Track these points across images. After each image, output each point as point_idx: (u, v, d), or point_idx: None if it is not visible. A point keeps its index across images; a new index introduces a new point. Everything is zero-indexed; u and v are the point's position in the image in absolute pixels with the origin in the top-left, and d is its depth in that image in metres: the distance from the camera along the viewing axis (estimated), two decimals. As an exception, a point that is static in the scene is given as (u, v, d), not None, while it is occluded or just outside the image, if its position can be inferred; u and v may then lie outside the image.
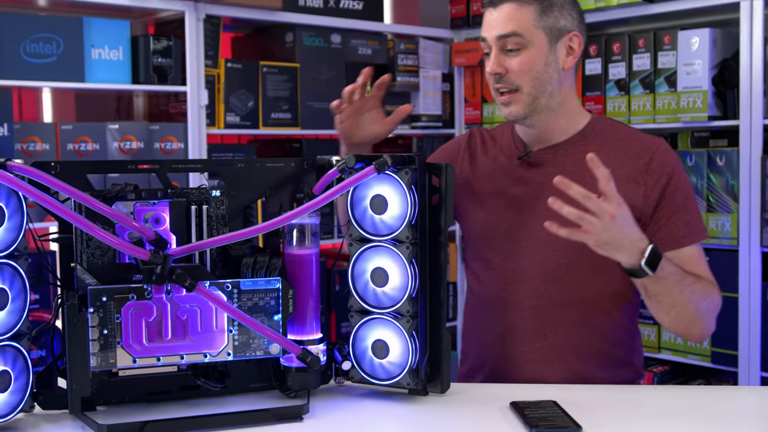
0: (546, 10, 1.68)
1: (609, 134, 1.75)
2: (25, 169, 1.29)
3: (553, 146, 1.76)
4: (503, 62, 1.69)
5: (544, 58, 1.69)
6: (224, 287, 1.41)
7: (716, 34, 2.72)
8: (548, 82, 1.70)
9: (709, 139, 2.81)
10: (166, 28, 2.85)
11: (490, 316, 1.78)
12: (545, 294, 1.71)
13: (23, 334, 1.35)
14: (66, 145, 2.55)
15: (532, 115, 1.72)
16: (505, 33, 1.68)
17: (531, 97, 1.70)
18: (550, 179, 1.70)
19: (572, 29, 1.71)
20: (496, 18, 1.70)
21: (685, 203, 1.70)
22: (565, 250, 1.69)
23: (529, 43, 1.68)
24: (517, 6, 1.68)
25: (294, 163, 1.54)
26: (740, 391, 1.81)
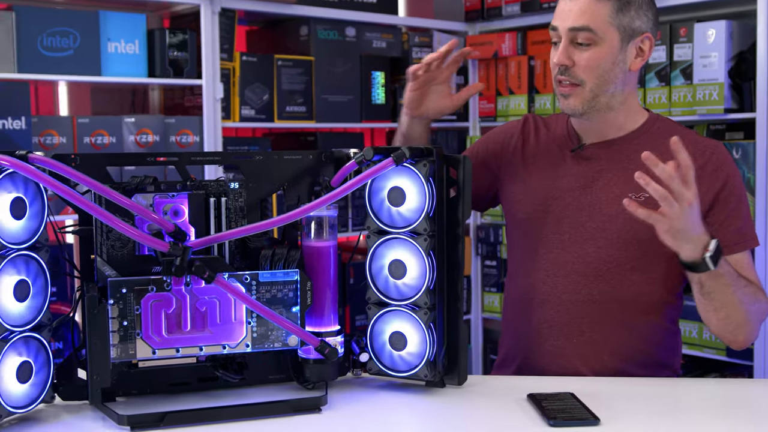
0: (623, 8, 1.65)
1: (664, 134, 1.71)
2: (47, 162, 1.30)
3: (608, 141, 1.74)
4: (572, 54, 1.66)
5: (613, 56, 1.66)
6: (243, 279, 1.42)
7: (733, 26, 2.70)
8: (612, 81, 1.67)
9: (725, 132, 2.79)
10: (181, 22, 2.85)
11: (529, 307, 1.76)
12: (585, 290, 1.69)
13: (44, 326, 1.36)
14: (83, 139, 2.56)
15: (590, 112, 1.69)
16: (577, 26, 1.65)
17: (592, 93, 1.67)
18: (601, 174, 1.72)
19: (646, 30, 1.68)
20: (571, 8, 1.66)
21: (739, 208, 1.68)
22: (609, 248, 1.68)
23: (601, 39, 1.64)
24: (596, 0, 1.65)
25: (312, 156, 1.54)
26: (757, 384, 1.80)
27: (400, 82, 3.30)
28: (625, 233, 1.67)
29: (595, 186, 1.72)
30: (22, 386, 1.32)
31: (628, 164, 1.70)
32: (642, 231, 1.65)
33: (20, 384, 1.32)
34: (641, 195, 1.66)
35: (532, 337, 1.75)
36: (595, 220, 1.70)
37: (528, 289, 1.77)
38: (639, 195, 1.67)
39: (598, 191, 1.71)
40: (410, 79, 1.78)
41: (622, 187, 1.69)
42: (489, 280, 3.48)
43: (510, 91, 3.35)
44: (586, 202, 1.71)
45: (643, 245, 1.67)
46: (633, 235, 1.67)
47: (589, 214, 1.71)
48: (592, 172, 1.73)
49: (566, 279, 1.72)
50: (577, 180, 1.74)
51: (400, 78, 3.30)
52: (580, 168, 1.74)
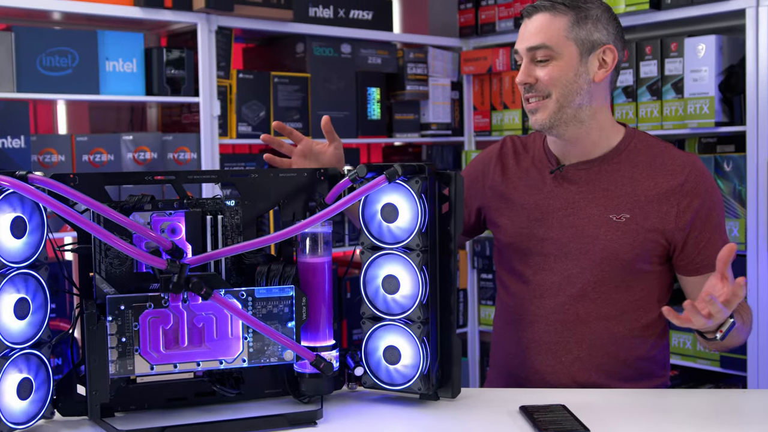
0: (580, 22, 1.69)
1: (643, 151, 1.75)
2: (46, 182, 1.33)
3: (587, 162, 1.75)
4: (532, 72, 1.70)
5: (573, 69, 1.69)
6: (239, 295, 1.44)
7: (722, 40, 2.74)
8: (577, 92, 1.70)
9: (717, 145, 2.82)
10: (178, 40, 2.89)
11: (517, 326, 1.79)
12: (572, 309, 1.72)
13: (44, 343, 1.39)
14: (81, 157, 2.59)
15: (558, 125, 1.71)
16: (534, 45, 1.69)
17: (558, 104, 1.70)
18: (582, 196, 1.74)
19: (606, 42, 1.70)
20: (529, 29, 1.71)
21: (720, 224, 1.71)
22: (593, 268, 1.71)
23: (558, 54, 1.68)
24: (551, 16, 1.69)
25: (306, 173, 1.57)
26: (749, 394, 1.82)
27: (395, 97, 3.34)
28: (607, 254, 1.70)
29: (576, 207, 1.74)
30: (23, 402, 1.35)
31: (608, 185, 1.72)
32: (623, 251, 1.69)
33: (21, 400, 1.34)
34: (621, 216, 1.69)
35: (521, 355, 1.78)
36: (578, 242, 1.72)
37: (516, 308, 1.80)
38: (620, 216, 1.70)
39: (580, 212, 1.73)
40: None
41: (602, 209, 1.71)
42: (485, 294, 3.50)
43: (504, 105, 3.39)
44: (569, 224, 1.73)
45: (626, 265, 1.69)
46: (615, 255, 1.69)
47: (572, 235, 1.73)
48: (574, 194, 1.75)
49: (553, 299, 1.74)
50: (559, 202, 1.76)
51: (395, 94, 3.34)
52: (562, 190, 1.76)
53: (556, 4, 1.69)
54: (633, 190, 1.71)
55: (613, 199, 1.71)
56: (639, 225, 1.69)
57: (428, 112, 3.41)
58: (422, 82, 3.37)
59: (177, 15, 2.70)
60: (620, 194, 1.71)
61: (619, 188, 1.72)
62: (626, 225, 1.69)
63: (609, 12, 1.73)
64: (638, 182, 1.71)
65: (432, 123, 3.42)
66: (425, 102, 3.41)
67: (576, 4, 1.69)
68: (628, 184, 1.71)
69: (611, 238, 1.69)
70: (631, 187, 1.71)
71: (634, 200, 1.70)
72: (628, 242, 1.69)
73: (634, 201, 1.70)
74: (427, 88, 3.38)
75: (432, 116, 3.42)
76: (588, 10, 1.69)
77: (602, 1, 1.73)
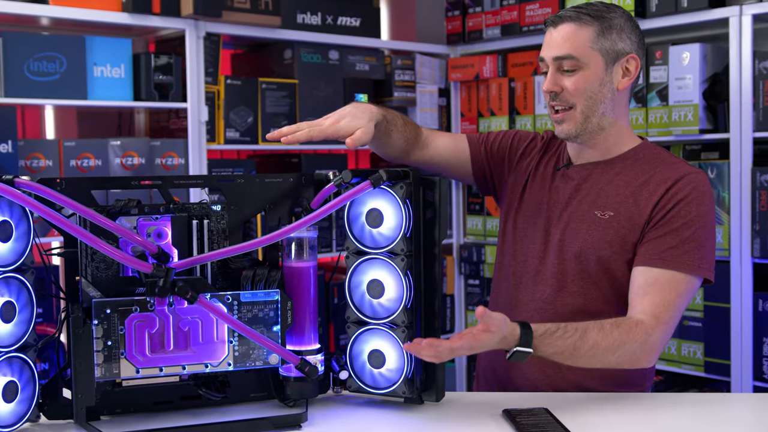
0: (605, 32, 1.70)
1: (649, 161, 1.76)
2: (33, 186, 1.34)
3: (593, 163, 1.78)
4: (559, 81, 1.72)
5: (599, 78, 1.71)
6: (225, 299, 1.45)
7: (707, 49, 2.77)
8: (602, 101, 1.72)
9: (701, 152, 2.85)
10: (166, 46, 2.90)
11: (513, 308, 1.80)
12: (550, 299, 1.73)
13: (29, 346, 1.39)
14: (69, 162, 2.59)
15: (583, 134, 1.74)
16: (561, 55, 1.71)
17: (583, 115, 1.72)
18: (577, 193, 1.77)
19: (630, 51, 1.73)
20: (555, 38, 1.72)
21: (681, 230, 1.65)
22: (571, 261, 1.73)
23: (585, 64, 1.70)
24: (576, 27, 1.71)
25: (292, 179, 1.58)
26: (732, 399, 1.84)
27: (383, 104, 3.35)
28: (584, 248, 1.71)
29: (570, 203, 1.77)
30: (8, 405, 1.35)
31: (604, 186, 1.75)
32: (601, 247, 1.70)
33: (6, 403, 1.35)
34: (606, 213, 1.72)
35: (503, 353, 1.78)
36: (563, 234, 1.75)
37: (501, 295, 1.84)
38: (604, 213, 1.72)
39: (571, 207, 1.77)
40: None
41: (591, 206, 1.74)
42: (472, 299, 3.52)
43: (491, 112, 3.41)
44: (562, 218, 1.76)
45: (603, 261, 1.70)
46: (592, 250, 1.71)
47: (560, 228, 1.76)
48: (571, 190, 1.78)
49: (534, 288, 1.77)
50: (558, 196, 1.79)
51: (383, 100, 3.35)
52: (563, 185, 1.80)
53: (582, 15, 1.71)
54: (625, 194, 1.72)
55: (604, 197, 1.73)
56: (621, 224, 1.70)
57: (416, 118, 3.42)
58: (410, 88, 3.39)
59: (165, 21, 2.71)
60: (612, 194, 1.73)
61: (613, 189, 1.73)
62: (608, 222, 1.71)
63: (631, 20, 1.75)
64: (634, 188, 1.72)
65: (419, 129, 3.43)
66: (413, 108, 3.42)
67: (600, 14, 1.71)
68: (622, 187, 1.73)
69: (591, 234, 1.72)
70: (625, 191, 1.73)
71: (623, 202, 1.72)
72: (606, 239, 1.70)
73: (623, 203, 1.71)
74: (414, 94, 3.40)
75: (419, 122, 3.41)
76: (611, 20, 1.72)
77: (624, 10, 1.76)
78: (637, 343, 1.59)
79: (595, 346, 1.56)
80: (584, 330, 1.56)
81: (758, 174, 2.63)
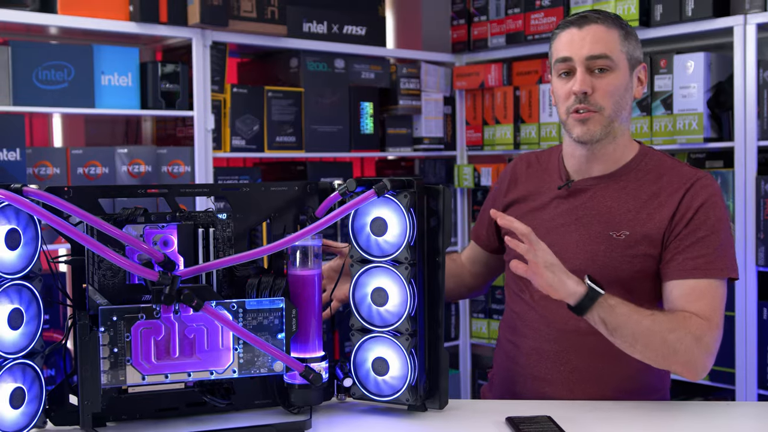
0: (627, 37, 1.71)
1: (652, 170, 1.74)
2: (41, 195, 1.35)
3: (596, 178, 1.76)
4: (590, 82, 1.69)
5: (626, 83, 1.71)
6: (230, 307, 1.46)
7: (711, 57, 2.77)
8: (625, 107, 1.72)
9: (705, 161, 2.86)
10: (173, 55, 2.92)
11: (519, 333, 1.81)
12: (573, 321, 1.70)
13: (37, 353, 1.41)
14: (76, 169, 2.61)
15: (605, 138, 1.71)
16: (595, 54, 1.68)
17: (609, 119, 1.70)
18: (584, 212, 1.74)
19: (642, 60, 1.75)
20: (584, 38, 1.69)
21: (709, 237, 1.65)
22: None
23: (616, 66, 1.69)
24: (605, 28, 1.69)
25: (297, 187, 1.59)
26: (737, 407, 1.84)
27: (388, 112, 3.37)
28: (606, 272, 1.69)
29: (579, 223, 1.75)
30: (15, 411, 1.36)
31: (612, 203, 1.73)
32: (622, 269, 1.69)
33: (13, 409, 1.36)
34: (621, 233, 1.70)
35: (521, 361, 1.79)
36: (579, 257, 1.72)
37: (519, 316, 1.82)
38: (619, 233, 1.70)
39: (581, 228, 1.74)
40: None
41: (604, 226, 1.72)
42: (477, 306, 3.52)
43: (496, 120, 3.42)
44: (572, 240, 1.74)
45: (625, 282, 1.69)
46: (614, 273, 1.69)
47: (574, 251, 1.73)
48: (578, 209, 1.76)
49: (554, 312, 1.74)
50: (562, 217, 1.77)
51: (388, 108, 3.37)
52: (568, 205, 1.77)
53: (607, 18, 1.70)
54: (635, 209, 1.71)
55: (615, 216, 1.71)
56: (638, 243, 1.68)
57: (421, 126, 3.44)
58: (415, 96, 3.40)
59: (172, 30, 2.73)
60: (623, 212, 1.71)
61: (622, 206, 1.72)
62: (625, 242, 1.69)
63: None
64: (642, 202, 1.71)
65: (425, 137, 3.45)
66: (418, 116, 3.44)
67: (618, 20, 1.72)
68: (631, 203, 1.72)
69: (610, 256, 1.70)
70: (634, 205, 1.71)
71: (636, 219, 1.70)
72: (626, 260, 1.69)
73: (636, 219, 1.70)
74: (419, 102, 3.41)
75: (425, 131, 3.45)
76: (627, 27, 1.73)
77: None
78: (692, 336, 1.57)
79: (659, 315, 1.57)
80: (637, 309, 1.56)
81: (763, 182, 2.63)
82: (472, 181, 3.45)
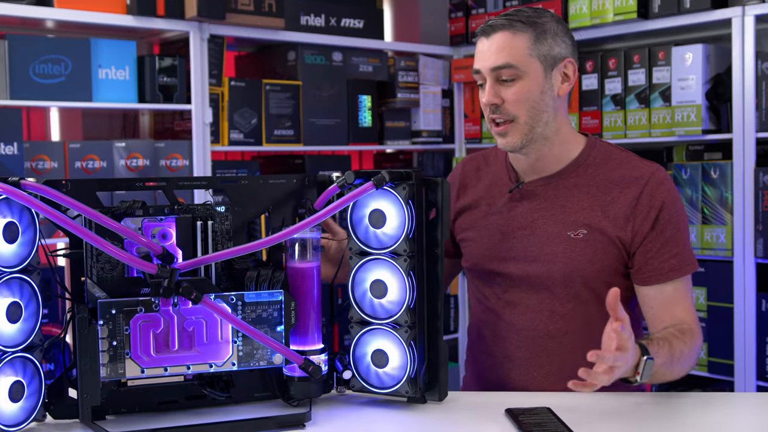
0: (540, 38, 1.66)
1: (601, 164, 1.73)
2: (38, 188, 1.35)
3: (545, 179, 1.74)
4: (499, 92, 1.67)
5: (539, 86, 1.67)
6: (229, 300, 1.46)
7: (709, 49, 2.77)
8: (544, 110, 1.68)
9: (704, 153, 2.86)
10: (171, 48, 2.91)
11: (489, 341, 1.80)
12: (541, 326, 1.71)
13: (36, 346, 1.41)
14: (74, 163, 2.61)
15: (528, 145, 1.69)
16: (498, 65, 1.65)
17: (528, 126, 1.67)
18: (540, 213, 1.73)
19: (567, 56, 1.69)
20: (489, 48, 1.67)
21: (676, 236, 1.67)
22: (555, 287, 1.70)
23: (524, 73, 1.65)
24: (511, 35, 1.65)
25: (296, 180, 1.59)
26: (736, 398, 1.84)
27: (386, 105, 3.37)
28: (569, 271, 1.69)
29: (536, 225, 1.73)
30: (15, 405, 1.36)
31: (565, 202, 1.71)
32: (585, 267, 1.68)
33: (12, 403, 1.36)
34: (579, 232, 1.68)
35: (495, 369, 1.79)
36: (539, 261, 1.71)
37: (487, 324, 1.81)
38: (577, 233, 1.69)
39: (539, 231, 1.72)
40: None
41: (560, 226, 1.71)
42: (476, 300, 3.52)
43: (494, 113, 3.41)
44: (531, 243, 1.72)
45: (589, 280, 1.69)
46: (577, 272, 1.69)
47: (534, 254, 1.72)
48: (532, 211, 1.74)
49: (521, 317, 1.74)
50: (518, 221, 1.75)
51: (386, 101, 3.36)
52: (521, 208, 1.75)
53: (514, 22, 1.66)
54: (590, 205, 1.70)
55: (570, 214, 1.70)
56: (597, 240, 1.68)
57: (419, 119, 3.44)
58: (413, 89, 3.40)
59: (169, 23, 2.73)
60: (577, 210, 1.70)
61: (576, 204, 1.71)
62: (584, 241, 1.68)
63: (562, 24, 1.71)
64: (595, 197, 1.70)
65: (423, 130, 3.45)
66: (416, 109, 3.44)
67: (532, 20, 1.67)
68: (585, 199, 1.70)
69: (571, 256, 1.69)
70: (588, 202, 1.70)
71: (591, 215, 1.69)
72: (587, 258, 1.68)
73: (591, 216, 1.69)
74: (417, 95, 3.41)
75: (423, 123, 3.45)
76: (544, 25, 1.67)
77: (553, 13, 1.72)
78: (698, 350, 1.65)
79: (682, 354, 1.58)
80: (666, 339, 1.56)
81: (761, 174, 2.63)
82: (471, 174, 3.44)
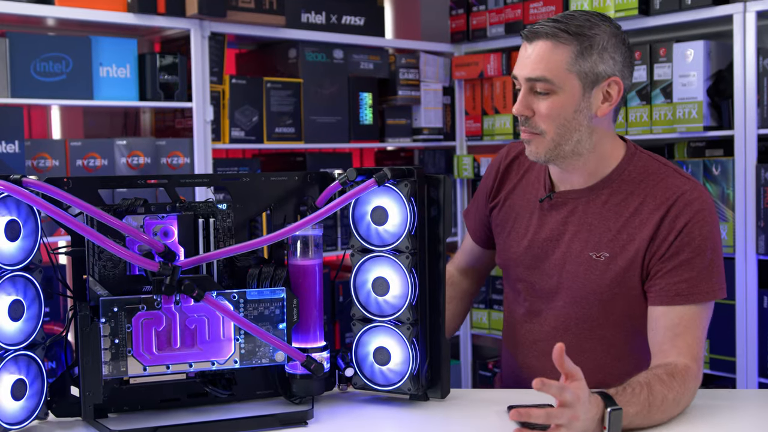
0: (584, 52, 1.55)
1: (637, 180, 1.64)
2: (40, 185, 1.35)
3: (577, 191, 1.67)
4: (531, 104, 1.59)
5: (574, 104, 1.57)
6: (231, 297, 1.46)
7: (711, 46, 2.77)
8: (576, 129, 1.59)
9: (705, 149, 2.85)
10: (171, 46, 2.91)
11: (512, 348, 1.80)
12: (556, 340, 1.62)
13: (38, 344, 1.41)
14: (75, 161, 2.60)
15: (555, 159, 1.62)
16: (533, 76, 1.57)
17: (554, 143, 1.59)
18: (566, 228, 1.68)
19: (612, 74, 1.58)
20: (529, 56, 1.58)
21: (692, 260, 1.56)
22: (573, 305, 1.66)
23: (559, 88, 1.56)
24: (553, 45, 1.56)
25: (297, 177, 1.59)
26: (738, 395, 1.84)
27: (387, 102, 3.36)
28: (586, 293, 1.65)
29: (561, 240, 1.68)
30: (17, 403, 1.36)
31: (593, 220, 1.65)
32: (602, 291, 1.63)
33: (15, 401, 1.36)
34: (601, 255, 1.63)
35: (516, 376, 1.79)
36: (560, 276, 1.68)
37: (510, 329, 1.81)
38: (599, 255, 1.63)
39: (563, 246, 1.68)
40: None
41: (583, 245, 1.66)
42: (477, 297, 3.51)
43: (495, 110, 3.41)
44: (555, 257, 1.69)
45: (606, 303, 1.64)
46: (594, 295, 1.64)
47: (556, 268, 1.69)
48: (559, 224, 1.69)
49: (540, 327, 1.72)
50: (545, 231, 1.71)
51: (387, 99, 3.36)
52: (550, 219, 1.70)
53: (559, 32, 1.55)
54: (616, 227, 1.63)
55: (596, 234, 1.64)
56: (618, 265, 1.62)
57: (420, 116, 3.43)
58: (414, 87, 3.39)
59: (170, 21, 2.72)
60: (602, 230, 1.64)
61: (602, 224, 1.64)
62: (605, 264, 1.62)
63: (617, 37, 1.59)
64: (624, 219, 1.63)
65: (424, 128, 3.44)
66: (417, 107, 3.43)
67: (581, 31, 1.56)
68: (612, 220, 1.64)
69: (590, 278, 1.64)
70: (615, 223, 1.63)
71: (616, 238, 1.63)
72: (606, 282, 1.63)
73: (616, 240, 1.63)
74: (419, 93, 3.41)
75: (424, 121, 3.44)
76: (593, 38, 1.56)
77: (611, 24, 1.60)
78: (692, 391, 1.51)
79: (664, 400, 1.45)
80: (647, 384, 1.44)
81: (763, 171, 2.63)
82: (472, 172, 3.44)
